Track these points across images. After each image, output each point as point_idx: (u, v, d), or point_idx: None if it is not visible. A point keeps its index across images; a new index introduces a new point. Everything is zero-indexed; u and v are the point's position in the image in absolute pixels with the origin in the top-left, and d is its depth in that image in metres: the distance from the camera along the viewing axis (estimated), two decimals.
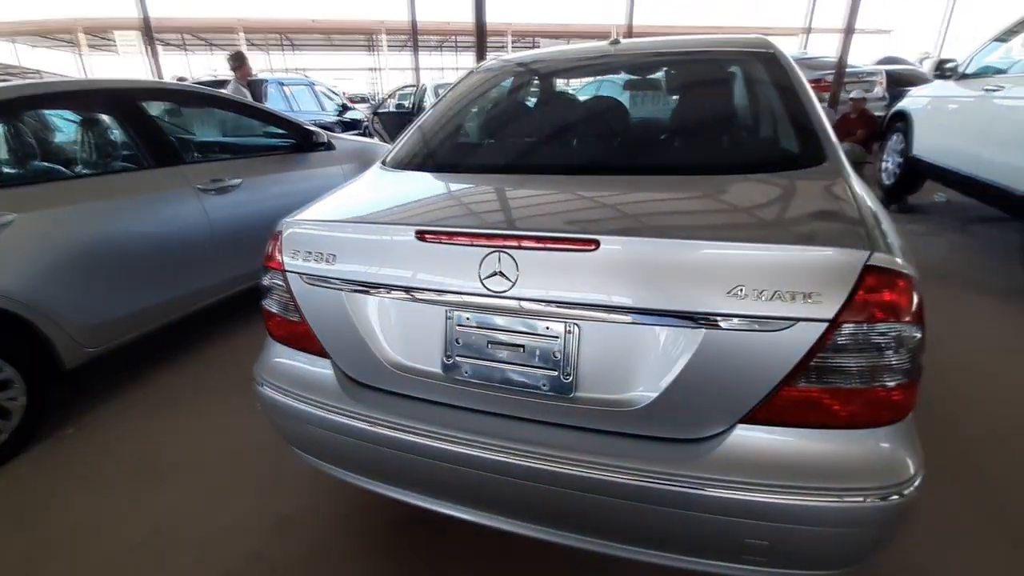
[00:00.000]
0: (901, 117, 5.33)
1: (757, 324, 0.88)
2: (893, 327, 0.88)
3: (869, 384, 0.90)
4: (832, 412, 0.92)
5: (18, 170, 2.34)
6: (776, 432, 0.94)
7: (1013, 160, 3.45)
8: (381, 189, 1.56)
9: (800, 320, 0.86)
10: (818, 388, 0.90)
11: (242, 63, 5.46)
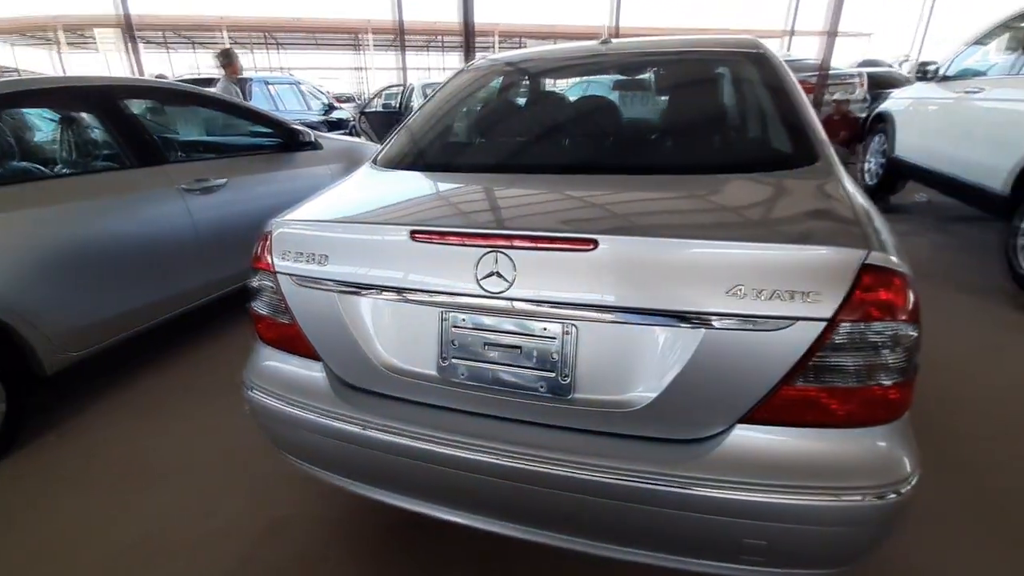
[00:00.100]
0: (883, 118, 5.41)
1: (756, 324, 0.88)
2: (890, 326, 0.88)
3: (867, 383, 0.90)
4: (830, 411, 0.92)
5: None
6: (775, 432, 0.94)
7: (991, 160, 3.52)
8: (373, 188, 1.54)
9: (799, 319, 0.86)
10: (816, 387, 0.91)
11: (231, 60, 5.37)
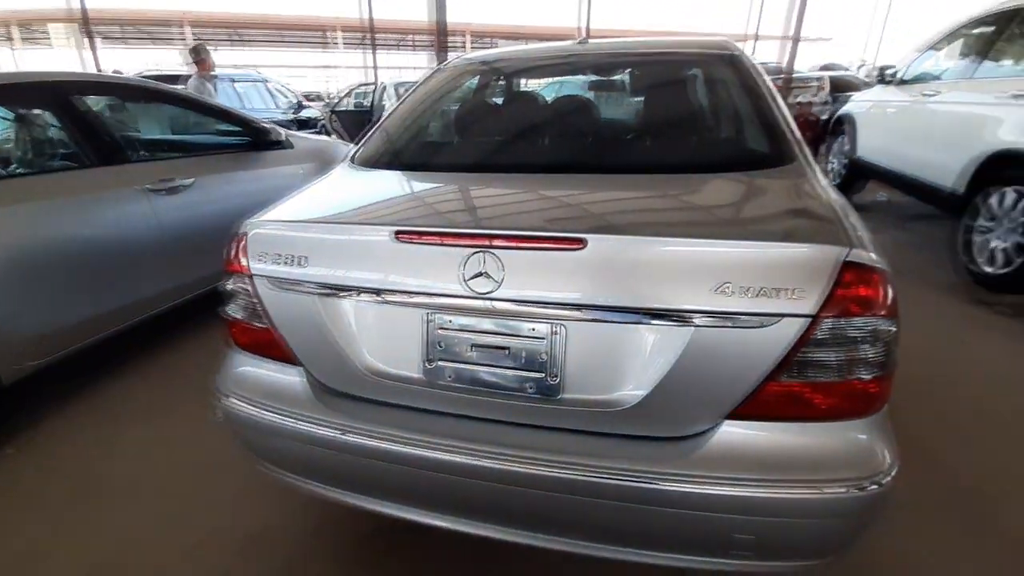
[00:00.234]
0: (845, 121, 5.61)
1: (743, 321, 0.89)
2: (870, 321, 0.90)
3: (848, 377, 0.92)
4: (814, 406, 0.94)
5: None
6: (761, 427, 0.95)
7: (947, 160, 3.69)
8: (351, 188, 1.51)
9: (784, 316, 0.88)
10: (800, 382, 0.92)
11: (204, 57, 5.19)
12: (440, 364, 1.07)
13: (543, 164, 1.55)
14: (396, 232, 1.05)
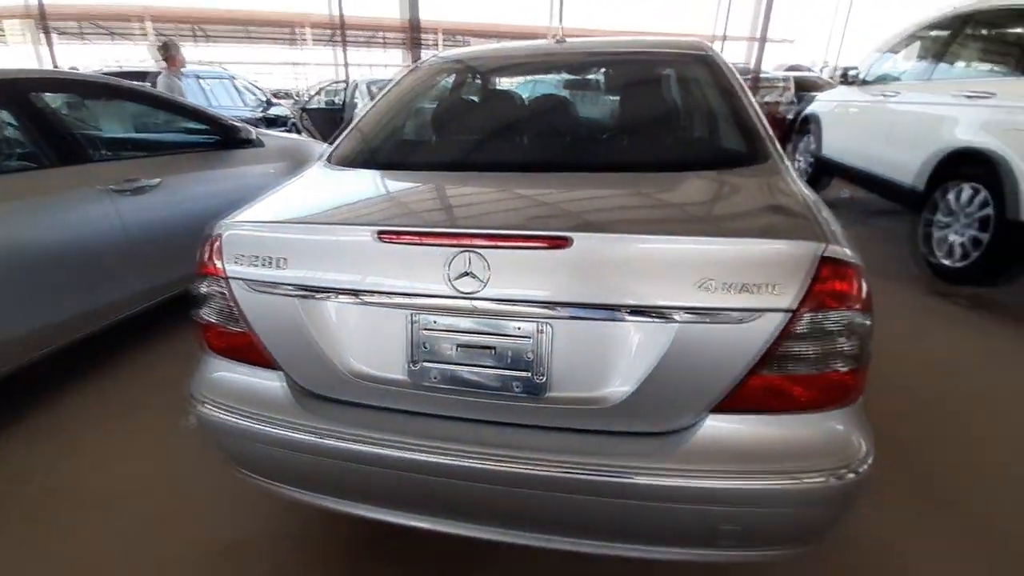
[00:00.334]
0: (811, 120, 5.78)
1: (726, 316, 0.90)
2: (846, 315, 0.93)
3: (826, 369, 0.95)
4: (794, 398, 0.96)
5: None
6: (744, 420, 0.97)
7: (907, 158, 3.83)
8: (329, 188, 1.48)
9: (765, 311, 0.90)
10: (781, 375, 0.95)
11: (173, 53, 5.03)
12: (425, 365, 1.06)
13: (523, 163, 1.55)
14: (379, 232, 1.04)
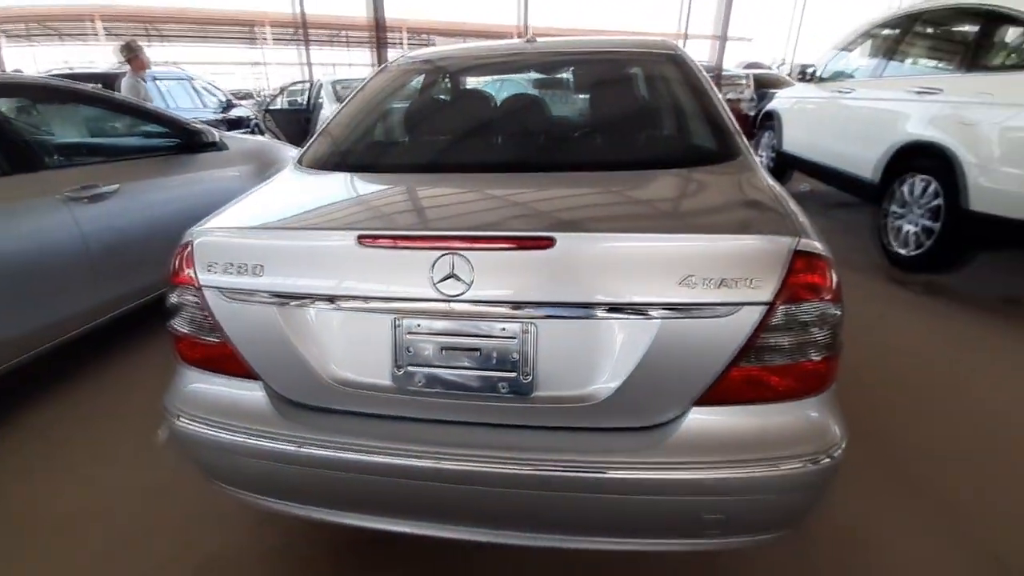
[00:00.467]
0: (771, 116, 5.95)
1: (708, 311, 0.93)
2: (818, 306, 0.97)
3: (801, 359, 0.98)
4: (772, 387, 0.99)
5: None
6: (726, 411, 1.00)
7: (863, 152, 3.99)
8: (304, 192, 1.45)
9: (745, 304, 0.93)
10: (760, 367, 0.98)
11: (136, 54, 4.81)
12: (410, 369, 1.06)
13: (499, 163, 1.56)
14: (360, 236, 1.03)
